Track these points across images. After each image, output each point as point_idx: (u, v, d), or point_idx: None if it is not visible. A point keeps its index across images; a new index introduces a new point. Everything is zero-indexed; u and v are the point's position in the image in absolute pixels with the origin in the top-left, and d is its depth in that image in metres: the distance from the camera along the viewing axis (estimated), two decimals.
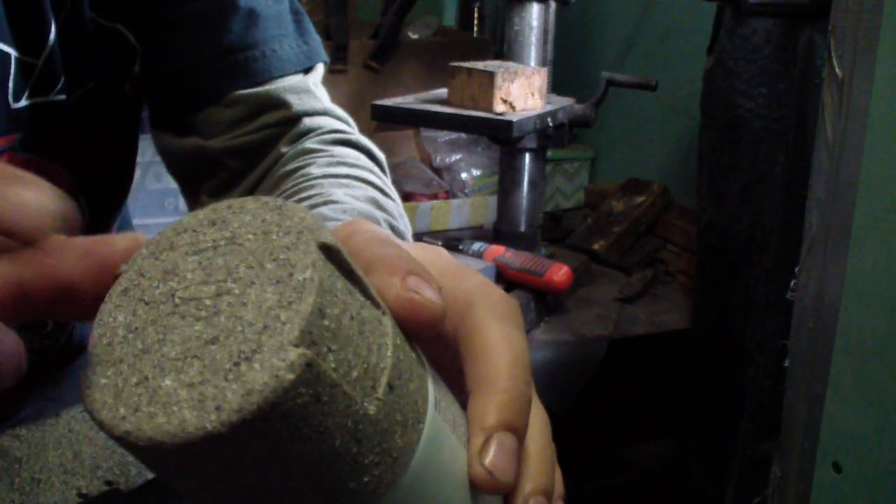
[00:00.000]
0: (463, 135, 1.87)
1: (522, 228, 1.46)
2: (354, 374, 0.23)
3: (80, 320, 0.27)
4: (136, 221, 1.79)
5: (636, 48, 1.93)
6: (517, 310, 0.31)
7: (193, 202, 0.71)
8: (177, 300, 0.23)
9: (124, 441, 0.21)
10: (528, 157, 1.43)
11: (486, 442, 0.28)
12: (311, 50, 0.68)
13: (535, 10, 1.42)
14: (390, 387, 0.24)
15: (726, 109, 1.23)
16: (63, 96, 0.58)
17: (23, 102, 0.55)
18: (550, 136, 1.40)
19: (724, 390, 1.29)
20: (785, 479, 0.87)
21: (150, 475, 0.55)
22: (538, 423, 0.32)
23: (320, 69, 0.69)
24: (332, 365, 0.22)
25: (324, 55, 0.70)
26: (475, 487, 0.27)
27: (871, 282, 0.73)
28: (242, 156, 0.64)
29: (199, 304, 0.23)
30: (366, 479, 0.24)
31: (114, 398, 0.22)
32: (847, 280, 0.74)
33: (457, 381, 0.30)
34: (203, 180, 0.67)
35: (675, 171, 1.80)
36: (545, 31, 1.45)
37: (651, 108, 1.84)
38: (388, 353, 0.24)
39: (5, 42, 0.53)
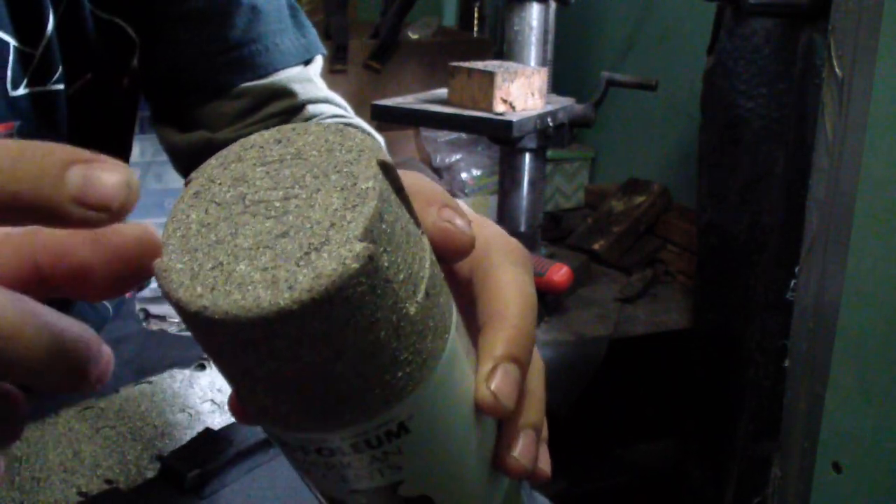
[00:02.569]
0: (463, 135, 1.87)
1: (522, 228, 1.46)
2: (401, 276, 0.25)
3: (92, 301, 0.27)
4: (135, 221, 1.80)
5: (636, 48, 1.92)
6: (529, 258, 0.34)
7: None
8: (247, 202, 0.25)
9: (199, 317, 0.23)
10: (528, 157, 1.43)
11: (494, 369, 0.30)
12: (309, 42, 0.70)
13: (535, 10, 1.42)
14: (427, 294, 0.27)
15: (726, 109, 1.23)
16: (61, 86, 0.59)
17: (21, 91, 0.56)
18: (550, 136, 1.40)
19: (724, 390, 1.29)
20: (785, 479, 0.87)
21: (149, 474, 0.55)
22: (536, 367, 0.34)
23: (319, 61, 0.71)
24: (386, 264, 0.24)
25: (322, 47, 0.71)
26: (479, 409, 0.30)
27: (871, 282, 0.73)
28: None
29: (269, 206, 0.25)
30: (399, 375, 0.26)
31: (190, 279, 0.24)
32: (847, 280, 0.73)
33: (466, 324, 0.32)
34: None
35: (675, 171, 1.80)
36: (545, 31, 1.45)
37: (651, 108, 1.84)
38: (427, 265, 0.27)
39: (5, 31, 0.54)
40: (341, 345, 0.25)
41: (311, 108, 0.67)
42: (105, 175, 0.24)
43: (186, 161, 0.71)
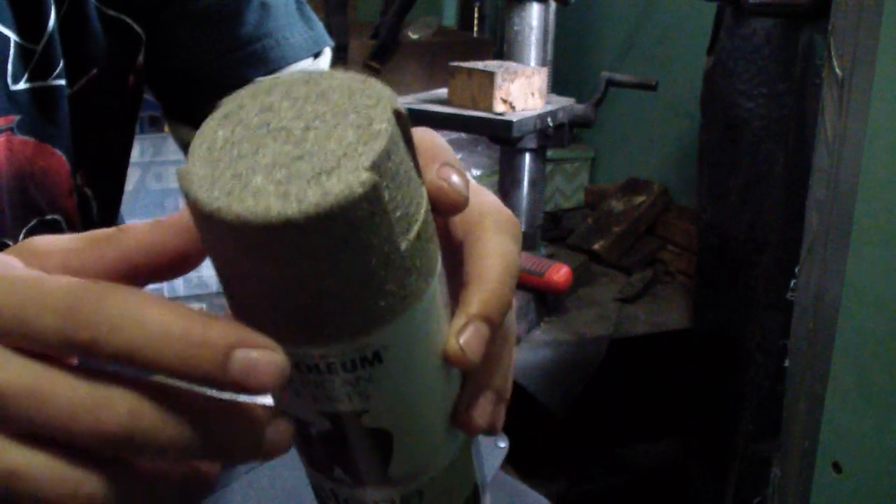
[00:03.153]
0: (463, 135, 1.87)
1: (522, 228, 1.46)
2: (398, 213, 0.28)
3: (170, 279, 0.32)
4: (135, 221, 1.80)
5: (636, 48, 1.93)
6: (518, 228, 0.37)
7: None
8: (270, 127, 0.28)
9: (213, 217, 0.26)
10: (528, 157, 1.43)
11: (466, 324, 0.32)
12: (317, 35, 0.71)
13: (535, 10, 1.42)
14: (419, 236, 0.29)
15: (726, 109, 1.23)
16: (62, 81, 0.59)
17: (22, 85, 0.57)
18: (550, 136, 1.40)
19: (724, 390, 1.29)
20: (785, 479, 0.87)
21: None
22: (508, 334, 0.37)
23: (328, 53, 0.73)
24: (387, 197, 0.27)
25: (329, 40, 0.73)
26: (447, 360, 0.32)
27: (871, 282, 0.73)
28: None
29: (290, 133, 0.28)
30: (381, 303, 0.29)
31: (210, 184, 0.27)
32: (847, 280, 0.74)
33: (451, 286, 0.35)
34: None
35: (675, 171, 1.80)
36: (545, 31, 1.45)
37: (651, 108, 1.84)
38: (422, 212, 0.30)
39: (6, 25, 0.55)
40: (335, 262, 0.27)
41: None
42: (264, 363, 0.27)
43: None
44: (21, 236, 0.59)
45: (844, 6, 0.75)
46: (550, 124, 1.35)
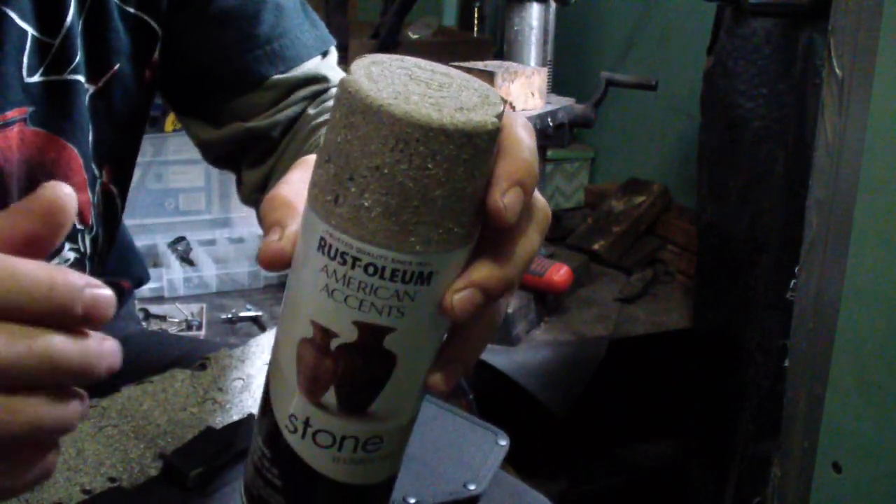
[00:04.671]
0: None
1: None
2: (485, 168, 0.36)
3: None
4: (136, 221, 1.80)
5: (636, 48, 1.93)
6: (533, 129, 0.42)
7: (238, 182, 0.79)
8: (412, 77, 0.37)
9: (382, 110, 0.34)
10: None
11: (510, 187, 0.37)
12: (323, 35, 0.75)
13: (535, 10, 1.43)
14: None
15: (726, 109, 1.23)
16: (80, 77, 0.60)
17: (36, 78, 0.58)
18: (550, 136, 1.40)
19: (724, 390, 1.29)
20: (785, 479, 0.88)
21: (152, 473, 0.55)
22: (495, 321, 0.41)
23: (334, 52, 0.77)
24: (494, 150, 0.36)
25: (333, 39, 0.77)
26: (490, 216, 0.37)
27: (871, 282, 0.73)
28: (283, 127, 0.73)
29: (429, 84, 0.37)
30: (455, 230, 0.36)
31: (376, 91, 0.34)
32: (847, 280, 0.74)
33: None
34: (246, 156, 0.75)
35: (675, 171, 1.80)
36: (545, 31, 1.45)
37: (651, 108, 1.84)
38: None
39: (25, 19, 0.56)
40: (451, 174, 0.35)
41: (333, 90, 0.73)
42: (105, 297, 0.34)
43: (220, 151, 0.76)
44: None
45: (844, 6, 0.75)
46: (550, 124, 1.35)
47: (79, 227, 0.64)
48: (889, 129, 0.70)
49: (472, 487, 0.59)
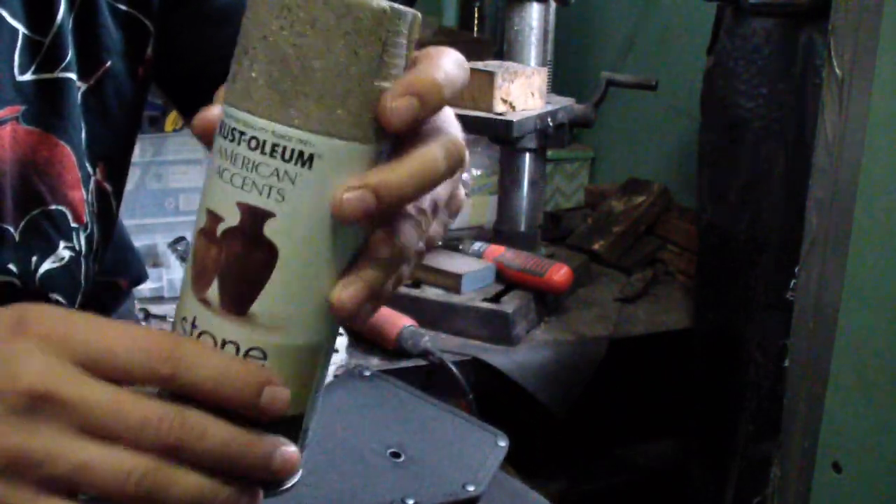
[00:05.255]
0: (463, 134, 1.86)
1: (522, 228, 1.46)
2: (385, 61, 0.39)
3: None
4: (136, 221, 1.79)
5: (636, 48, 1.92)
6: (465, 66, 0.46)
7: None
8: None
9: None
10: (528, 157, 1.43)
11: (403, 93, 0.39)
12: None
13: (535, 10, 1.42)
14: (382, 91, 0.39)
15: (726, 109, 1.23)
16: (71, 74, 0.60)
17: (28, 76, 0.58)
18: (550, 136, 1.40)
19: (724, 390, 1.29)
20: (785, 479, 0.88)
21: None
22: (407, 253, 0.43)
23: None
24: (383, 39, 0.38)
25: None
26: (378, 115, 0.39)
27: (871, 282, 0.73)
28: None
29: None
30: (338, 112, 0.37)
31: None
32: (847, 280, 0.74)
33: None
34: None
35: (675, 171, 1.80)
36: (545, 31, 1.45)
37: (651, 108, 1.84)
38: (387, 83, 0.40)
39: (15, 18, 0.56)
40: (330, 47, 0.36)
41: None
42: (281, 396, 0.39)
43: None
44: (23, 224, 0.60)
45: (844, 6, 0.75)
46: (550, 124, 1.35)
47: (73, 224, 0.64)
48: (889, 129, 0.70)
49: (471, 488, 0.59)
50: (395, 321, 1.14)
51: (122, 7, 0.65)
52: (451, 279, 1.25)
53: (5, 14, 0.56)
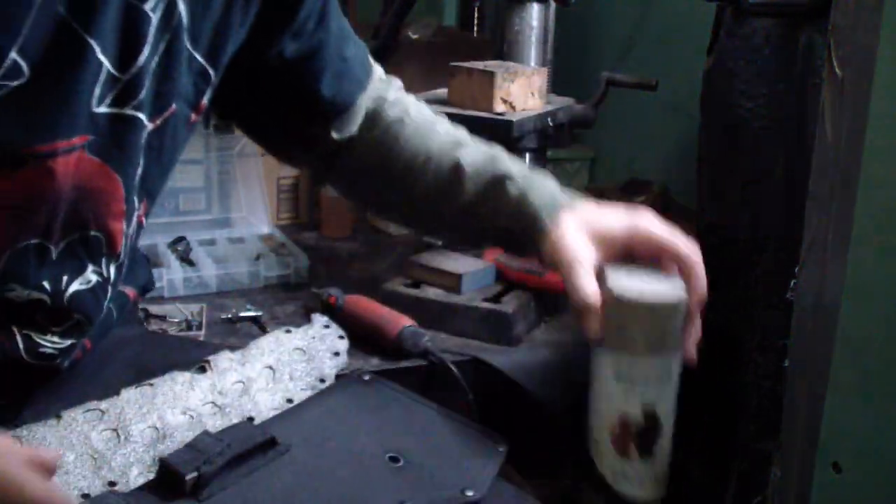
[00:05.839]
0: None
1: None
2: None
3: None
4: None
5: (636, 48, 1.92)
6: (696, 246, 0.63)
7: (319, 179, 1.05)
8: (632, 273, 0.81)
9: (632, 303, 0.73)
10: (528, 157, 1.43)
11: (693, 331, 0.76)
12: (365, 54, 0.89)
13: (535, 10, 1.42)
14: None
15: (726, 109, 1.23)
16: (139, 113, 0.63)
17: (102, 109, 0.60)
18: (550, 136, 1.40)
19: (724, 390, 1.29)
20: (785, 479, 0.87)
21: (152, 476, 0.55)
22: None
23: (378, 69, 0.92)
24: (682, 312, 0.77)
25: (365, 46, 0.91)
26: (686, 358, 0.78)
27: (871, 282, 0.73)
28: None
29: (643, 278, 0.79)
30: (673, 344, 0.75)
31: (622, 289, 0.74)
32: (847, 280, 0.74)
33: None
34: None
35: (675, 171, 1.80)
36: (545, 31, 1.45)
37: (651, 108, 1.84)
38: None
39: (104, 53, 0.59)
40: (675, 324, 0.76)
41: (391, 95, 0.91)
42: None
43: (303, 163, 1.05)
44: (62, 244, 0.62)
45: (844, 6, 0.75)
46: (550, 124, 1.35)
47: (105, 251, 0.66)
48: (889, 129, 0.70)
49: (470, 493, 0.59)
50: (395, 321, 1.14)
51: (199, 57, 0.68)
52: (452, 279, 1.25)
53: (96, 48, 0.58)
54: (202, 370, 0.67)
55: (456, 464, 0.62)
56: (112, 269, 0.67)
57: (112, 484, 0.54)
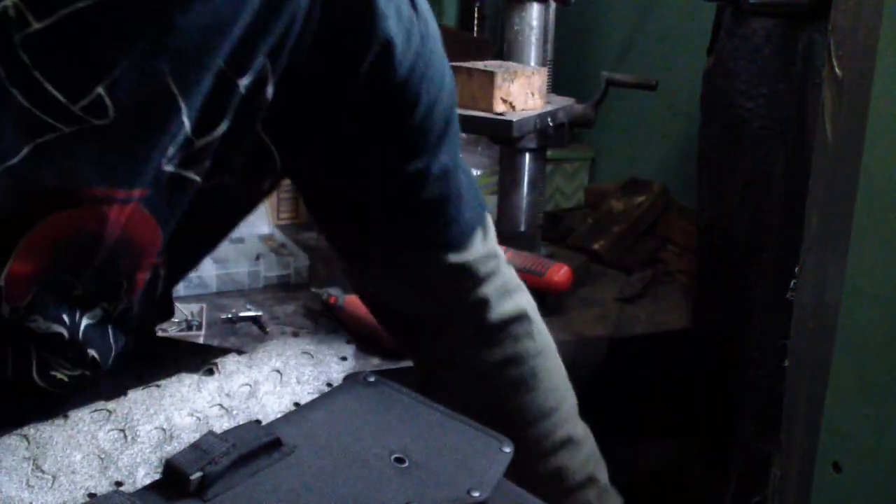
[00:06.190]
0: (463, 134, 1.87)
1: (522, 228, 1.46)
2: None
3: None
4: None
5: (636, 48, 1.92)
6: None
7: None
8: None
9: None
10: (528, 157, 1.43)
11: None
12: (480, 199, 0.82)
13: (535, 10, 1.42)
14: None
15: (726, 109, 1.23)
16: (197, 177, 0.62)
17: (169, 168, 0.60)
18: (550, 136, 1.40)
19: (724, 390, 1.29)
20: (785, 479, 0.87)
21: (157, 476, 0.55)
22: None
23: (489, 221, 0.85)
24: None
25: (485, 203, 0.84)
26: None
27: (871, 282, 0.73)
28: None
29: None
30: None
31: None
32: (847, 280, 0.73)
33: None
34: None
35: (675, 171, 1.80)
36: (545, 31, 1.45)
37: (651, 108, 1.84)
38: None
39: (188, 117, 0.58)
40: None
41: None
42: None
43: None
44: (89, 284, 0.62)
45: (844, 6, 0.75)
46: (550, 124, 1.35)
47: (119, 297, 0.65)
48: (889, 129, 0.70)
49: (476, 494, 0.59)
50: None
51: (266, 138, 0.66)
52: None
53: (183, 110, 0.57)
54: (209, 372, 0.67)
55: (461, 465, 0.62)
56: (118, 310, 0.66)
57: (119, 484, 0.54)
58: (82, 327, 0.64)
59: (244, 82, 0.60)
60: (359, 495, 0.55)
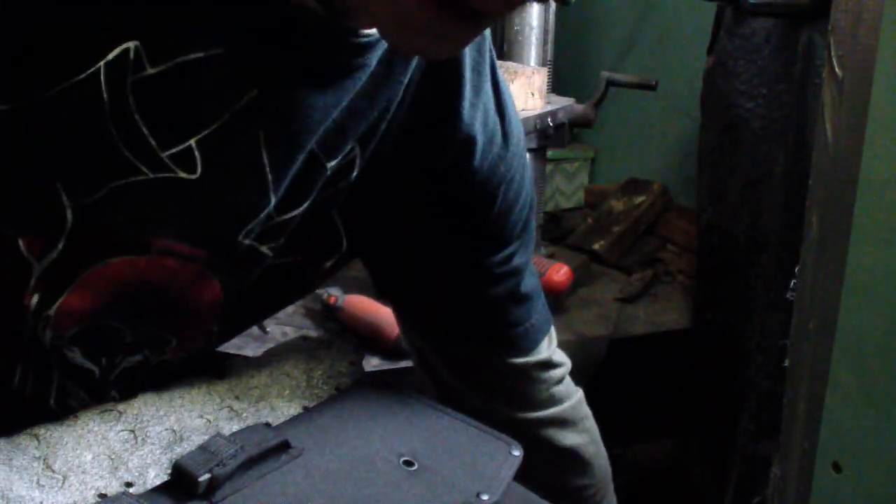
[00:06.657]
0: None
1: None
2: None
3: None
4: None
5: (636, 48, 1.93)
6: None
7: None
8: None
9: None
10: (528, 157, 1.43)
11: None
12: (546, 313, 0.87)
13: (535, 10, 1.42)
14: None
15: (726, 109, 1.23)
16: (269, 252, 0.61)
17: (246, 241, 0.59)
18: (550, 136, 1.40)
19: (724, 390, 1.29)
20: (785, 479, 0.87)
21: (167, 478, 0.55)
22: None
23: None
24: None
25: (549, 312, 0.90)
26: None
27: (871, 282, 0.73)
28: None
29: None
30: None
31: None
32: (847, 280, 0.73)
33: None
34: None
35: (675, 171, 1.80)
36: (545, 31, 1.45)
37: (651, 108, 1.84)
38: None
39: (274, 195, 0.57)
40: None
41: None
42: None
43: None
44: (140, 335, 0.61)
45: (844, 6, 0.75)
46: (550, 124, 1.35)
47: (164, 351, 0.64)
48: (889, 129, 0.70)
49: (485, 497, 0.59)
50: (395, 321, 1.14)
51: (340, 223, 0.66)
52: None
53: (271, 194, 0.57)
54: (220, 375, 0.67)
55: (471, 468, 0.62)
56: (154, 359, 0.65)
57: (129, 485, 0.54)
58: (117, 371, 0.63)
59: (332, 164, 0.59)
60: (367, 498, 0.55)
